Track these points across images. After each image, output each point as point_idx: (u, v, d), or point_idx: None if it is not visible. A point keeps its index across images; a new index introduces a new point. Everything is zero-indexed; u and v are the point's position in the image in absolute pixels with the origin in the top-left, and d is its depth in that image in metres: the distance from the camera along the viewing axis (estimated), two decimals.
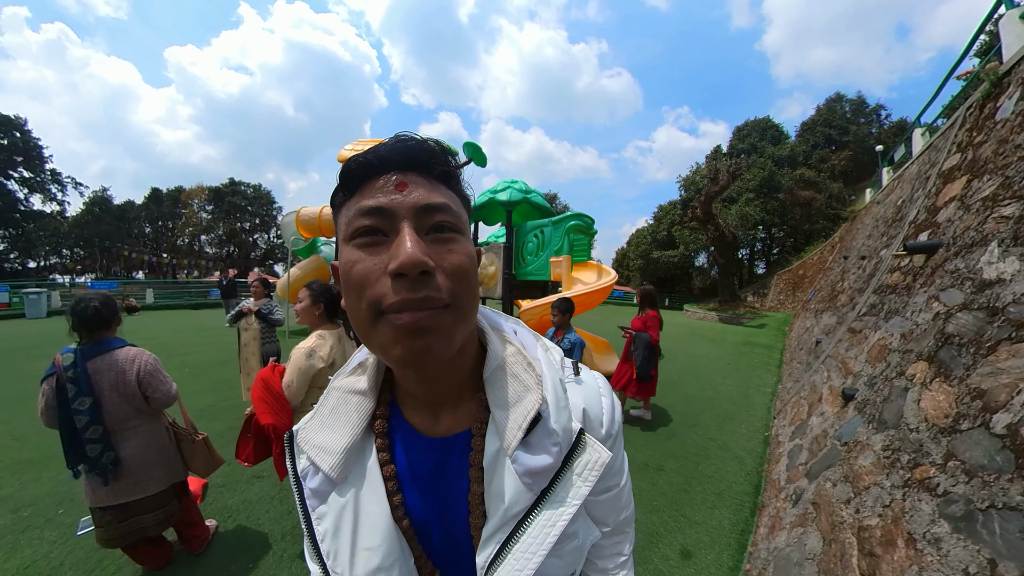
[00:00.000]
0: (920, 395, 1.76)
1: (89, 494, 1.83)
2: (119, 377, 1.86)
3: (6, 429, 3.74)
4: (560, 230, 6.02)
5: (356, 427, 0.46)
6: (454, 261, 0.39)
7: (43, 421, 1.84)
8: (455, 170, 0.44)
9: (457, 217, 0.41)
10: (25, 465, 3.08)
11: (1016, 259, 1.68)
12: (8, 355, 6.83)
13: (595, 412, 0.49)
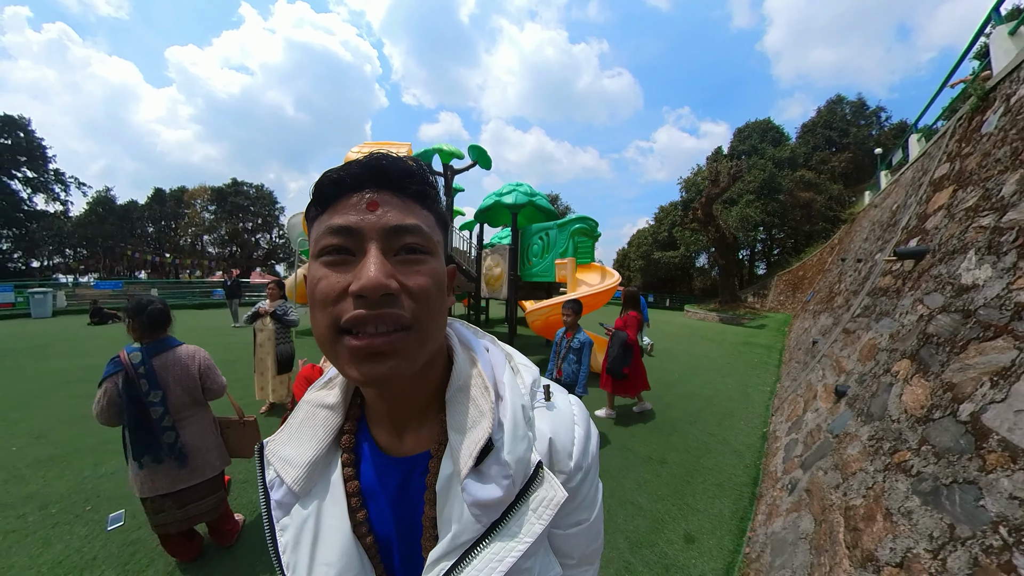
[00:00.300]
0: (902, 389, 1.94)
1: (147, 483, 1.95)
2: (183, 371, 2.05)
3: (26, 427, 3.81)
4: (565, 233, 6.20)
5: (321, 441, 0.46)
6: (419, 283, 0.39)
7: (101, 418, 1.95)
8: (431, 190, 0.43)
9: (428, 238, 0.41)
10: (47, 462, 3.15)
11: (989, 266, 1.86)
12: (20, 355, 6.94)
13: (563, 442, 0.46)
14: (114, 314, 12.14)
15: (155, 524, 2.00)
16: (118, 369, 1.94)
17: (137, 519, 2.43)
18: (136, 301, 2.07)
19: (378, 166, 0.40)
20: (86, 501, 2.65)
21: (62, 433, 3.65)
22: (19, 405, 4.39)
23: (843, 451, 2.12)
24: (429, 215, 0.43)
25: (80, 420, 3.87)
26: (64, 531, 2.37)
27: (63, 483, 2.85)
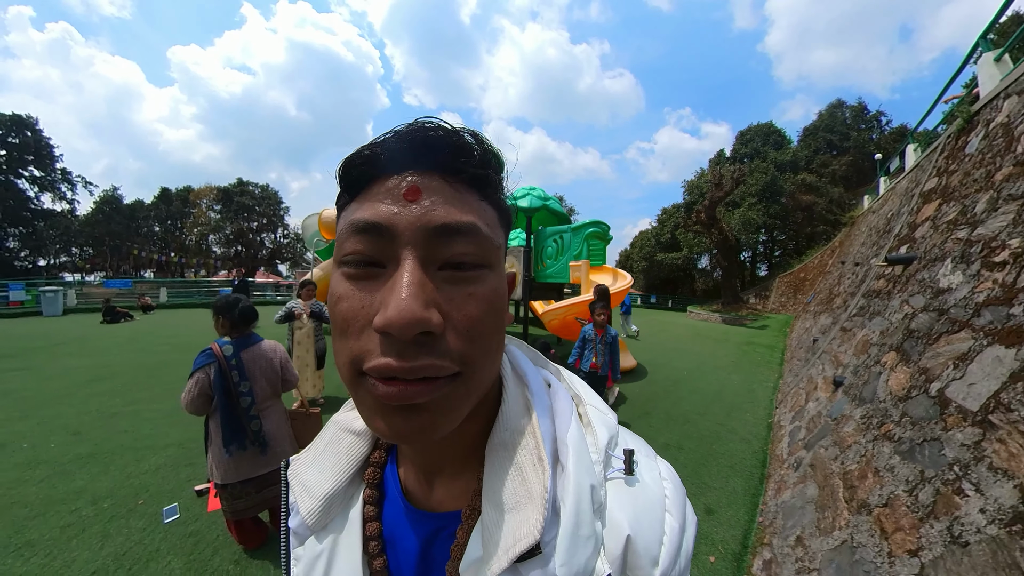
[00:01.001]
0: (888, 376, 2.32)
1: (232, 470, 2.05)
2: (267, 364, 2.20)
3: (60, 424, 3.85)
4: (579, 236, 6.58)
5: (344, 472, 0.39)
6: (472, 312, 0.29)
7: (190, 408, 2.03)
8: (493, 174, 0.33)
9: (486, 245, 0.30)
10: (89, 459, 3.20)
11: (960, 273, 2.24)
12: (37, 353, 6.95)
13: (648, 541, 0.33)
14: (126, 313, 12.28)
15: (233, 510, 2.10)
16: (211, 361, 2.05)
17: (191, 512, 2.56)
18: (225, 299, 2.21)
19: (423, 138, 0.30)
20: (136, 496, 2.70)
21: (96, 430, 3.74)
22: (49, 403, 4.45)
23: (840, 430, 2.50)
24: (489, 209, 0.32)
25: (111, 417, 4.04)
26: (121, 524, 2.42)
27: (109, 479, 2.92)
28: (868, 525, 1.60)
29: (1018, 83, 2.97)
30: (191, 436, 3.56)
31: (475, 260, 0.29)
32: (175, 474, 3.00)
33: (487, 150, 0.32)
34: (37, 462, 3.11)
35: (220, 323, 2.18)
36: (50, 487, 2.79)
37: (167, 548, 2.25)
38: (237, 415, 2.06)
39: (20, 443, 3.41)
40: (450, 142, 0.30)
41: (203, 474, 2.88)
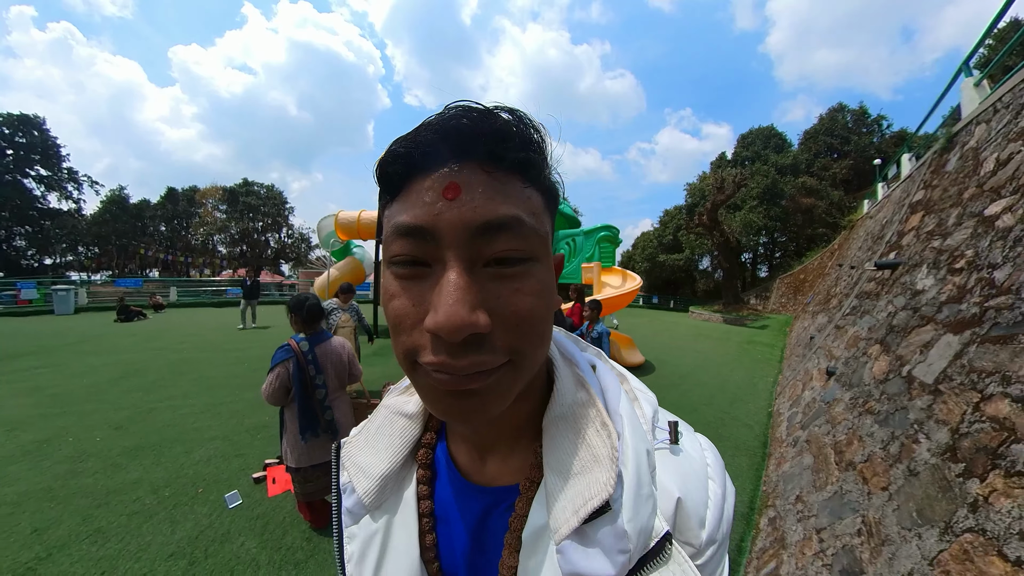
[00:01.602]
0: (873, 364, 2.77)
1: (305, 455, 2.25)
2: (337, 358, 2.39)
3: (100, 419, 3.95)
4: (591, 240, 7.03)
5: (397, 453, 0.41)
6: (520, 307, 0.29)
7: (271, 399, 2.22)
8: (536, 156, 0.31)
9: (531, 236, 0.30)
10: (137, 451, 3.31)
11: (932, 277, 2.69)
12: (59, 352, 7.07)
13: (695, 504, 0.35)
14: (139, 311, 12.40)
15: (304, 492, 2.30)
16: (289, 356, 2.23)
17: (253, 498, 2.71)
18: (297, 298, 2.39)
19: (456, 128, 0.28)
20: (194, 484, 2.82)
21: (137, 424, 3.86)
22: (82, 399, 4.56)
23: (832, 411, 2.94)
24: (535, 195, 0.31)
25: (148, 413, 4.18)
26: (186, 511, 2.53)
27: (162, 470, 3.03)
28: (854, 477, 2.04)
29: (985, 113, 3.42)
30: (233, 429, 3.80)
31: (520, 254, 0.29)
32: (226, 464, 3.16)
33: (527, 128, 0.30)
34: (86, 455, 3.21)
35: (293, 320, 2.37)
36: (106, 478, 2.89)
37: (237, 530, 2.37)
38: (312, 405, 2.24)
39: (65, 437, 3.54)
40: (486, 128, 0.28)
41: (254, 464, 3.15)
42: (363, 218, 10.66)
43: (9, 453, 3.21)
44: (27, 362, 6.20)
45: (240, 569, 2.09)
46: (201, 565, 2.11)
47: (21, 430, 3.65)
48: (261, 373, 5.50)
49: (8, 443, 3.40)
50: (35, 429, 3.69)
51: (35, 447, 3.34)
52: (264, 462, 3.12)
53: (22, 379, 5.28)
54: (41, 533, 2.27)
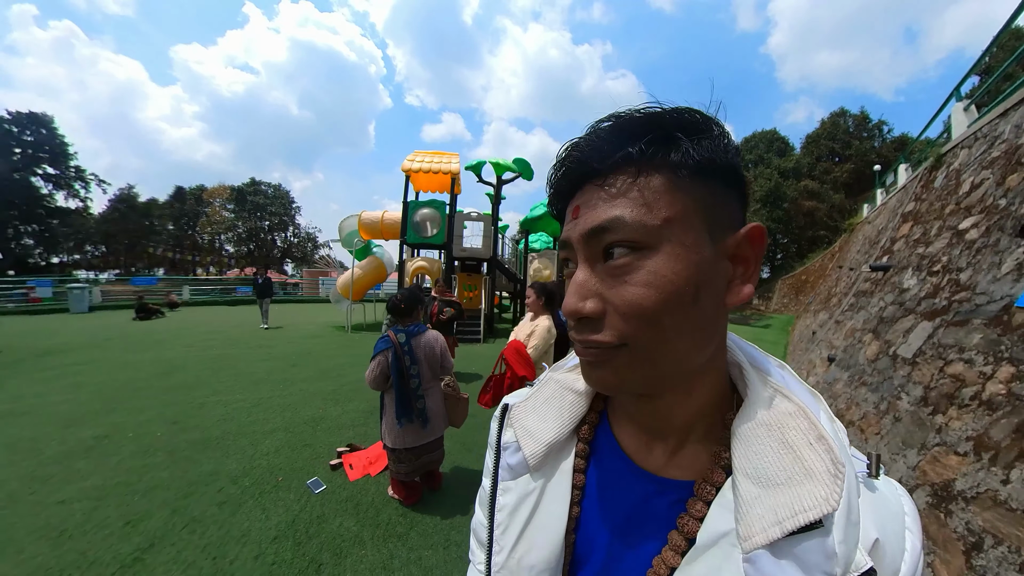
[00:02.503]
0: (866, 349, 3.40)
1: (400, 438, 2.41)
2: (431, 351, 2.52)
3: (153, 414, 4.00)
4: None
5: (565, 425, 0.44)
6: (627, 297, 0.31)
7: (373, 384, 2.39)
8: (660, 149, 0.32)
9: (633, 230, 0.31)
10: (202, 445, 3.35)
11: (916, 279, 3.33)
12: (89, 348, 7.13)
13: (893, 552, 0.32)
14: (157, 310, 12.49)
15: (396, 471, 2.48)
16: (388, 346, 2.38)
17: (335, 483, 2.83)
18: (395, 295, 2.61)
19: (578, 160, 0.34)
20: (271, 474, 2.91)
21: (193, 419, 3.91)
22: (128, 395, 4.58)
23: (833, 388, 3.58)
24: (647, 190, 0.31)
25: (200, 408, 4.22)
26: (274, 498, 2.61)
27: (234, 461, 3.08)
28: (853, 432, 2.67)
29: (968, 140, 4.06)
30: (290, 422, 3.92)
31: (626, 247, 0.31)
32: (297, 454, 3.27)
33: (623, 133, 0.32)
34: (152, 449, 3.26)
35: (396, 311, 2.56)
36: (180, 471, 2.93)
37: (331, 512, 2.48)
38: (407, 393, 2.39)
39: (124, 433, 3.58)
40: (602, 152, 0.33)
41: (323, 453, 3.30)
42: (386, 218, 11.11)
43: (72, 449, 3.25)
44: (61, 359, 6.25)
45: (346, 546, 2.21)
46: (307, 545, 2.20)
47: (77, 426, 3.69)
48: (297, 369, 6.01)
49: (68, 439, 3.44)
50: (91, 425, 3.72)
51: (96, 442, 3.37)
52: (336, 450, 3.29)
53: (61, 375, 5.33)
54: (135, 525, 2.31)
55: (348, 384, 5.25)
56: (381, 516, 2.49)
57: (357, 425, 3.90)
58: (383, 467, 3.00)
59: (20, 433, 3.54)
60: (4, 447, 3.28)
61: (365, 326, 10.81)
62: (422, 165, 9.68)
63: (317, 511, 2.50)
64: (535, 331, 2.82)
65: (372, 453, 3.26)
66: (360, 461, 3.13)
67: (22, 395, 4.55)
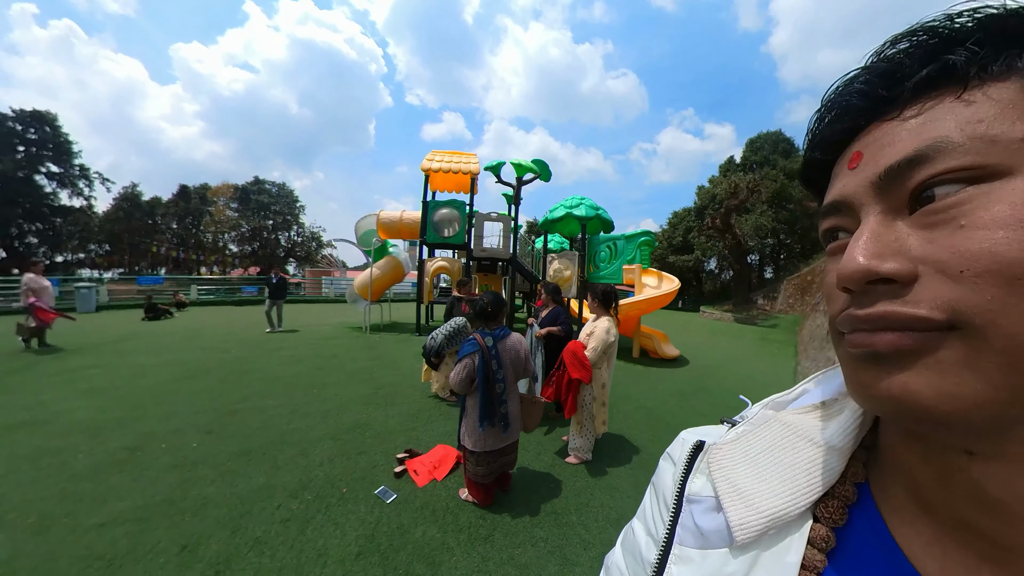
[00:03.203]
0: None
1: (481, 442, 2.40)
2: (515, 355, 2.51)
3: (186, 423, 3.80)
4: (633, 244, 7.99)
5: (798, 494, 0.29)
6: (966, 248, 0.20)
7: (459, 387, 2.37)
8: (972, 54, 0.22)
9: (966, 152, 0.21)
10: (246, 456, 3.17)
11: None
12: (100, 350, 6.97)
13: None
14: (167, 310, 12.40)
15: (475, 473, 2.46)
16: (476, 349, 2.38)
17: (405, 491, 2.77)
18: (481, 298, 2.61)
19: (860, 92, 0.25)
20: (332, 485, 2.79)
21: (229, 428, 3.73)
22: (151, 401, 4.37)
23: None
24: (985, 94, 0.22)
25: (233, 415, 4.04)
26: (344, 511, 2.50)
27: (287, 474, 2.93)
28: None
29: None
30: (336, 429, 3.79)
31: (958, 180, 0.21)
32: (353, 463, 3.13)
33: (933, 35, 0.24)
34: (192, 463, 3.06)
35: (483, 315, 2.55)
36: (229, 486, 2.74)
37: (410, 522, 2.42)
38: (492, 398, 2.38)
39: (156, 444, 3.34)
40: (876, 81, 0.24)
41: (380, 460, 3.22)
42: (405, 218, 11.30)
43: (102, 462, 3.04)
44: (74, 361, 6.08)
45: (436, 554, 2.16)
46: (395, 558, 2.12)
47: (104, 436, 3.48)
48: (325, 373, 5.89)
49: (96, 450, 3.22)
50: (118, 435, 3.50)
51: (128, 455, 3.15)
52: (397, 457, 3.22)
53: (78, 379, 5.13)
54: (193, 550, 2.12)
55: (383, 388, 5.17)
56: (461, 520, 2.46)
57: (406, 430, 3.85)
58: (449, 470, 3.04)
59: (44, 444, 3.31)
60: (28, 461, 3.02)
61: (382, 327, 10.97)
62: (442, 165, 9.80)
63: (395, 521, 2.43)
64: (594, 332, 2.92)
65: (434, 457, 3.23)
66: (424, 466, 3.09)
67: (41, 401, 4.31)
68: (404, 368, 6.17)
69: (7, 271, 26.59)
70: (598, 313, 3.12)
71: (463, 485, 2.77)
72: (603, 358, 3.01)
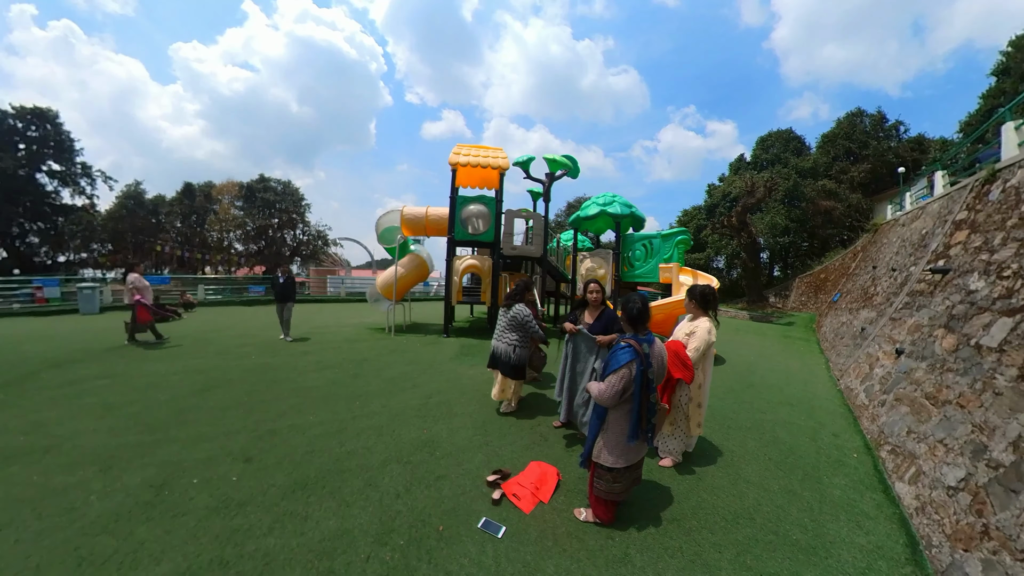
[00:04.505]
0: (942, 342, 4.09)
1: (625, 456, 2.33)
2: (661, 362, 2.43)
3: (218, 449, 3.32)
4: (670, 242, 8.31)
5: None
6: None
7: (610, 401, 2.22)
8: None
9: None
10: (302, 491, 2.73)
11: (984, 281, 4.02)
12: (107, 357, 6.48)
13: None
14: (174, 311, 12.01)
15: (610, 491, 2.37)
16: (633, 357, 2.23)
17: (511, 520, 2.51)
18: (631, 301, 2.49)
19: None
20: (423, 524, 2.44)
21: (270, 454, 3.26)
22: (172, 421, 3.85)
23: (912, 376, 4.27)
24: None
25: (270, 436, 3.60)
26: (451, 553, 2.20)
27: (362, 512, 2.52)
28: (953, 407, 3.33)
29: None
30: (400, 450, 3.42)
31: None
32: (436, 492, 2.79)
33: None
34: (237, 503, 2.56)
35: (626, 321, 2.45)
36: (293, 535, 2.29)
37: (535, 556, 2.19)
38: (647, 409, 2.28)
39: (186, 479, 2.83)
40: None
41: (466, 484, 2.89)
42: (431, 214, 10.81)
43: (122, 506, 2.48)
44: (80, 371, 5.56)
45: None
46: None
47: (120, 469, 2.94)
48: (362, 380, 5.47)
49: (114, 488, 2.66)
50: (137, 466, 2.98)
51: (153, 495, 2.61)
52: (487, 480, 2.94)
53: (85, 394, 4.61)
54: None
55: (433, 397, 4.83)
56: (589, 544, 2.29)
57: (479, 446, 3.56)
58: (553, 490, 2.86)
59: (47, 481, 2.74)
60: (29, 506, 2.44)
61: (405, 327, 10.84)
62: (470, 159, 9.44)
63: (518, 559, 2.16)
64: (696, 332, 3.05)
65: (532, 477, 2.98)
66: (525, 488, 2.81)
67: (43, 422, 3.74)
68: (447, 372, 6.06)
69: (9, 271, 26.75)
70: (695, 314, 3.24)
71: (575, 504, 2.66)
72: (701, 359, 3.11)
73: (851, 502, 3.00)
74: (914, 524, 2.71)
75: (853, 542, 2.53)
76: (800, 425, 4.68)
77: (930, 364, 4.06)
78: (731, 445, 3.88)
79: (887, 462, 3.59)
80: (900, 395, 4.23)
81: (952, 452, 2.91)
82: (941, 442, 3.10)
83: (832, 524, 2.71)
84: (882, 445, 3.90)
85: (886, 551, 2.47)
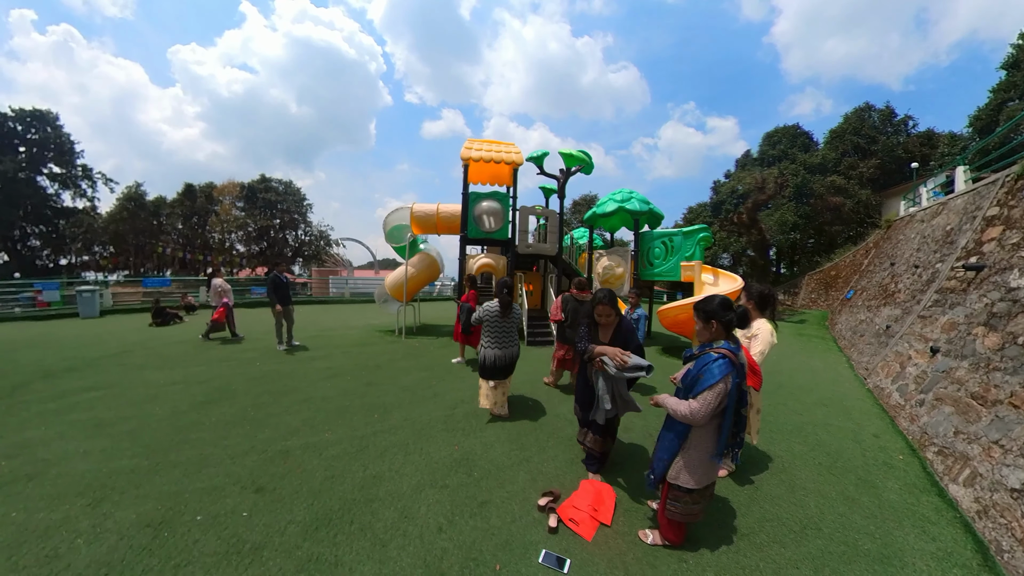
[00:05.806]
0: (983, 340, 4.08)
1: (709, 475, 2.20)
2: (742, 371, 2.20)
3: (223, 475, 2.95)
4: (691, 240, 8.27)
5: None
6: None
7: (705, 418, 2.03)
8: None
9: None
10: (325, 526, 2.41)
11: None
12: (103, 364, 6.13)
13: None
14: (175, 314, 11.79)
15: (687, 513, 2.25)
16: (731, 370, 2.05)
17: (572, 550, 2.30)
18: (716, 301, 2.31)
19: None
20: (475, 564, 2.17)
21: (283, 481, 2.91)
22: (171, 442, 3.48)
23: (953, 375, 4.26)
24: None
25: (284, 457, 3.26)
26: None
27: (401, 553, 2.21)
28: (1005, 407, 3.32)
29: None
30: (432, 472, 3.10)
31: None
32: (483, 521, 2.51)
33: None
34: (252, 547, 2.22)
35: (714, 328, 2.19)
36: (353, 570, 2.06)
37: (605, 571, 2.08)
38: (739, 424, 2.16)
39: (189, 514, 2.49)
40: None
41: (516, 511, 2.65)
42: (442, 211, 10.46)
43: (115, 554, 2.13)
44: (73, 382, 5.18)
45: None
46: None
47: (112, 502, 2.57)
48: (377, 389, 5.14)
49: (104, 530, 2.31)
50: (132, 499, 2.63)
51: (151, 537, 2.26)
52: (538, 504, 2.68)
53: (77, 409, 4.22)
54: None
55: (459, 407, 4.49)
56: (662, 570, 2.16)
57: (520, 462, 3.28)
58: (612, 511, 2.68)
59: (28, 519, 2.38)
60: (3, 552, 2.10)
61: (415, 329, 10.64)
62: (482, 154, 9.17)
63: None
64: (758, 335, 3.00)
65: (588, 497, 2.76)
66: (581, 512, 2.60)
67: (27, 443, 3.39)
68: (467, 379, 5.82)
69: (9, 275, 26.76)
70: (752, 315, 3.13)
71: (635, 525, 2.54)
72: None
73: (909, 507, 2.98)
74: (978, 528, 2.70)
75: (923, 549, 2.52)
76: (839, 427, 4.66)
77: (972, 363, 4.05)
78: (778, 450, 3.84)
79: (936, 464, 3.58)
80: (941, 395, 4.22)
81: (1011, 453, 2.91)
82: (997, 443, 3.10)
83: (897, 531, 2.69)
84: (927, 446, 3.89)
85: (957, 558, 2.45)
